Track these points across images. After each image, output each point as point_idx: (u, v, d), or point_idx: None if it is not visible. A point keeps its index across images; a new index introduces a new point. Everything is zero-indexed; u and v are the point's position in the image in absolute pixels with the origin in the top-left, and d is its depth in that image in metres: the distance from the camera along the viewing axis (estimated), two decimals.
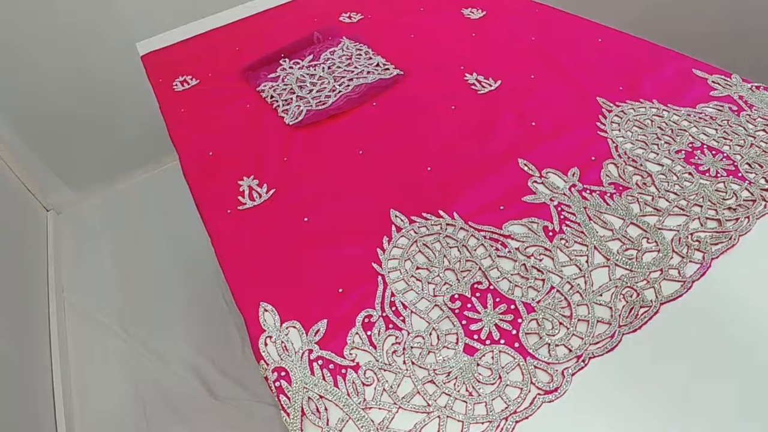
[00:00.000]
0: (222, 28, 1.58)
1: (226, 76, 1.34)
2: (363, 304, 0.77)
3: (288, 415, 0.68)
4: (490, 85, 1.16)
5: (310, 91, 1.20)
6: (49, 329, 1.73)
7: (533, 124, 1.04)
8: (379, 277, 0.80)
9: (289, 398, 0.69)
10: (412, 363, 0.70)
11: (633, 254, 0.78)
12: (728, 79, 1.06)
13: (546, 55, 1.21)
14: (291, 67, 1.29)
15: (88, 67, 1.89)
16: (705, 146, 0.93)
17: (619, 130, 0.99)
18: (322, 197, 0.96)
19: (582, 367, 0.67)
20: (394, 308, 0.76)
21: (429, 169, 0.98)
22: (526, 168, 0.94)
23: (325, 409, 0.67)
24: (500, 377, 0.67)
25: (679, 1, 1.99)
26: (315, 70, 1.26)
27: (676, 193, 0.86)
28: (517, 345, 0.70)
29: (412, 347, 0.71)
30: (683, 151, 0.93)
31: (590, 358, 0.67)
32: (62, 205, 2.08)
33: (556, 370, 0.67)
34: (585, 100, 1.07)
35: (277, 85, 1.24)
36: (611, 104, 1.05)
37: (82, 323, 1.78)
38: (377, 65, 1.25)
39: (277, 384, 0.71)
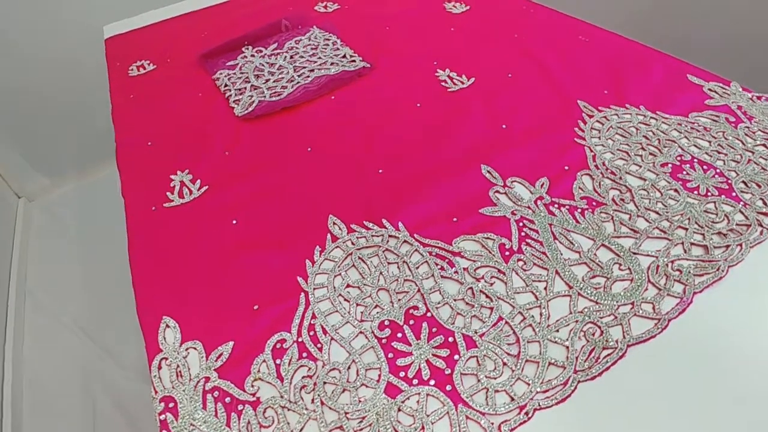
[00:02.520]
0: (192, 14, 1.46)
1: (185, 63, 1.21)
2: (278, 325, 0.64)
3: None
4: (462, 83, 1.02)
5: (267, 81, 1.07)
6: (5, 319, 1.61)
7: (504, 126, 0.90)
8: (302, 294, 0.67)
9: None
10: (322, 403, 0.56)
11: (601, 283, 0.64)
12: (726, 87, 0.91)
13: (527, 54, 1.07)
14: (253, 56, 1.16)
15: (63, 53, 1.77)
16: (696, 160, 0.79)
17: (599, 138, 0.85)
18: (257, 197, 0.83)
19: (524, 421, 0.53)
20: (312, 333, 0.63)
21: (380, 171, 0.84)
22: (488, 175, 0.80)
23: None
24: (423, 427, 0.53)
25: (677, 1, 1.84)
26: (276, 59, 1.13)
27: (657, 213, 0.71)
28: (449, 388, 0.56)
29: (325, 383, 0.58)
30: (670, 165, 0.78)
31: (535, 410, 0.53)
32: (34, 192, 1.96)
33: (492, 423, 0.53)
34: (564, 103, 0.93)
35: (234, 74, 1.11)
36: (593, 109, 0.91)
37: (41, 317, 1.66)
38: (343, 56, 1.11)
39: (162, 417, 0.57)
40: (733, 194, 0.73)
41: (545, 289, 0.64)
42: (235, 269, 0.72)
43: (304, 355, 0.61)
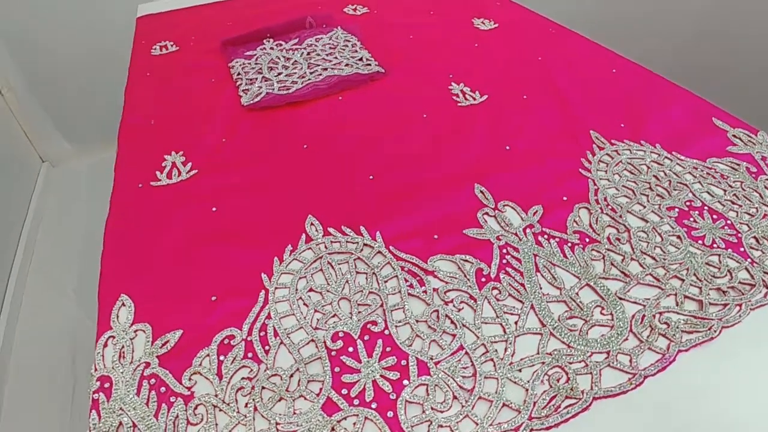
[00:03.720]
0: (224, 2, 1.46)
1: (206, 48, 1.21)
2: (231, 320, 0.61)
3: None
4: (474, 99, 0.97)
5: (279, 74, 1.05)
6: (9, 276, 1.63)
7: (507, 147, 0.85)
8: (263, 292, 0.64)
9: (99, 416, 0.53)
10: (255, 408, 0.52)
11: (577, 325, 0.58)
12: (753, 135, 0.84)
13: (547, 77, 1.02)
14: (272, 48, 1.15)
15: (102, 24, 1.81)
16: (706, 208, 0.72)
17: (606, 172, 0.79)
18: (242, 188, 0.80)
19: None
20: (263, 333, 0.59)
21: (371, 177, 0.80)
22: (481, 195, 0.76)
23: None
24: None
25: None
26: (293, 54, 1.11)
27: (654, 258, 0.65)
28: (390, 414, 0.51)
29: (263, 388, 0.54)
30: (677, 209, 0.72)
31: None
32: (58, 158, 2.01)
33: None
34: (576, 132, 0.88)
35: (249, 64, 1.09)
36: (605, 141, 0.85)
37: (42, 279, 1.68)
38: (360, 59, 1.09)
39: (95, 396, 0.55)
40: (741, 249, 0.66)
41: (516, 323, 0.59)
42: (202, 257, 0.69)
43: (250, 355, 0.57)
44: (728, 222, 0.70)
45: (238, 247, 0.70)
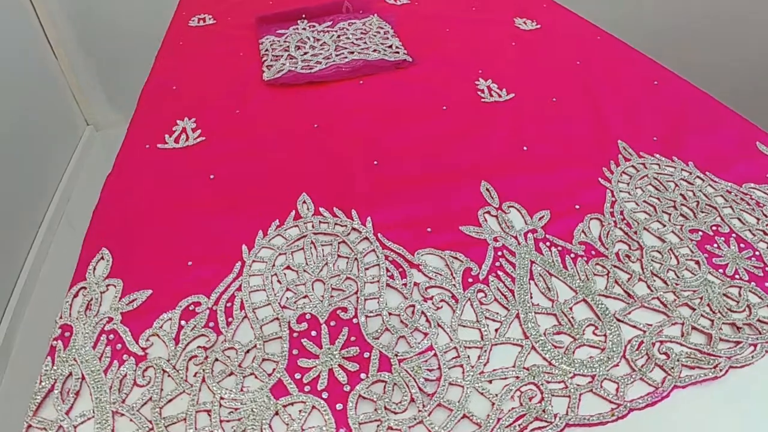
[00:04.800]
0: None
1: (242, 23, 1.20)
2: (201, 287, 0.58)
3: (39, 381, 0.50)
4: (500, 96, 0.92)
5: (305, 53, 1.03)
6: (38, 230, 1.69)
7: (525, 148, 0.79)
8: (239, 264, 0.61)
9: (53, 363, 0.51)
10: (203, 380, 0.49)
11: (564, 342, 0.52)
12: None
13: (582, 83, 0.95)
14: (304, 29, 1.13)
15: None
16: (734, 235, 0.64)
17: (628, 184, 0.72)
18: (243, 159, 0.78)
19: None
20: (230, 305, 0.56)
21: (375, 163, 0.76)
22: (486, 193, 0.70)
23: (77, 394, 0.49)
24: None
25: None
26: (323, 36, 1.09)
27: (665, 281, 0.58)
28: (339, 407, 0.47)
29: (216, 359, 0.51)
30: (701, 233, 0.64)
31: None
32: (103, 123, 2.07)
33: None
34: (602, 140, 0.81)
35: (278, 41, 1.08)
36: (633, 152, 0.78)
37: (69, 237, 1.73)
38: (390, 46, 1.05)
39: (54, 343, 0.53)
40: (767, 285, 0.58)
41: (496, 330, 0.53)
42: (189, 222, 0.67)
43: (211, 324, 0.54)
44: (757, 253, 0.61)
45: (227, 216, 0.68)
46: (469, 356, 0.51)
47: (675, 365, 0.50)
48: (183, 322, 0.55)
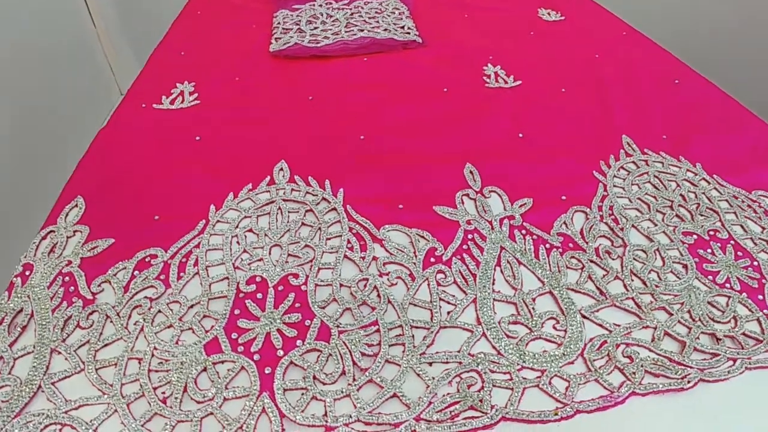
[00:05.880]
0: None
1: None
2: (162, 241, 0.57)
3: None
4: (505, 82, 0.87)
5: (315, 28, 1.01)
6: None
7: (520, 135, 0.74)
8: (203, 222, 0.59)
9: (9, 297, 0.51)
10: (141, 329, 0.48)
11: (519, 333, 0.48)
12: None
13: (596, 76, 0.89)
14: (321, 5, 1.11)
15: None
16: (733, 242, 0.58)
17: (624, 180, 0.66)
18: (231, 123, 0.77)
19: None
20: (185, 260, 0.55)
21: (361, 137, 0.74)
22: (469, 176, 0.66)
23: (23, 329, 0.49)
24: (214, 399, 0.43)
25: None
26: (336, 12, 1.06)
27: (644, 282, 0.53)
28: (267, 371, 0.45)
29: (159, 311, 0.50)
30: (695, 236, 0.58)
31: None
32: None
33: (283, 430, 0.41)
34: (606, 133, 0.75)
35: (291, 15, 1.06)
36: (637, 148, 0.72)
37: None
38: (402, 27, 1.02)
39: (14, 279, 0.53)
40: (760, 297, 0.52)
41: (449, 313, 0.50)
42: (165, 178, 0.67)
43: (162, 277, 0.53)
44: (755, 263, 0.55)
45: (203, 176, 0.67)
46: (413, 336, 0.48)
47: (638, 370, 0.45)
48: (136, 272, 0.54)
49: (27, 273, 0.54)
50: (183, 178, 0.67)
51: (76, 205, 0.62)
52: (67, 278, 0.53)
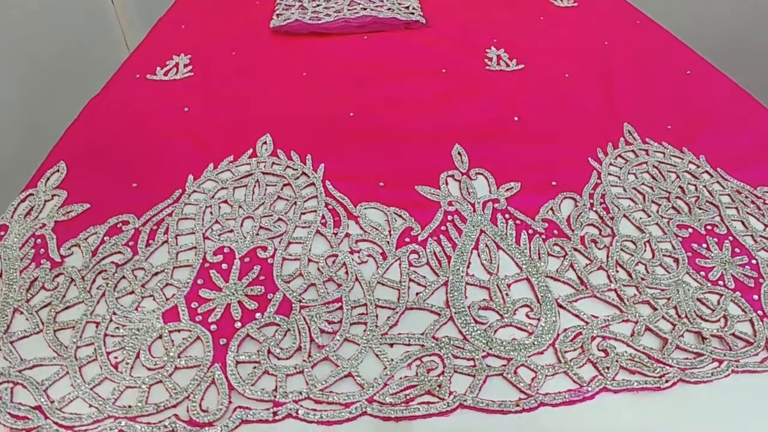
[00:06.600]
0: None
1: None
2: (136, 208, 0.56)
3: None
4: (507, 66, 0.83)
5: (318, 5, 0.98)
6: None
7: (516, 119, 0.71)
8: (179, 191, 0.58)
9: None
10: (103, 294, 0.47)
11: (488, 318, 0.45)
12: None
13: (604, 63, 0.85)
14: None
15: None
16: (731, 238, 0.54)
17: (621, 168, 0.62)
18: (221, 96, 0.75)
19: (266, 420, 0.38)
20: (156, 228, 0.54)
21: (351, 114, 0.71)
22: (457, 157, 0.63)
23: None
24: (165, 367, 0.41)
25: None
26: None
27: (630, 275, 0.49)
28: (223, 342, 0.43)
29: (123, 277, 0.48)
30: (690, 230, 0.54)
31: (288, 416, 0.39)
32: None
33: (230, 404, 0.39)
34: (606, 121, 0.71)
35: None
36: (638, 137, 0.68)
37: None
38: (406, 7, 0.98)
39: None
40: (755, 298, 0.48)
41: (417, 294, 0.47)
42: (148, 147, 0.65)
43: (131, 243, 0.52)
44: (753, 262, 0.51)
45: (186, 147, 0.65)
46: (377, 315, 0.45)
47: (612, 365, 0.42)
48: (107, 238, 0.52)
49: (1, 234, 0.54)
50: (166, 147, 0.65)
51: (58, 170, 0.61)
52: (39, 240, 0.53)
